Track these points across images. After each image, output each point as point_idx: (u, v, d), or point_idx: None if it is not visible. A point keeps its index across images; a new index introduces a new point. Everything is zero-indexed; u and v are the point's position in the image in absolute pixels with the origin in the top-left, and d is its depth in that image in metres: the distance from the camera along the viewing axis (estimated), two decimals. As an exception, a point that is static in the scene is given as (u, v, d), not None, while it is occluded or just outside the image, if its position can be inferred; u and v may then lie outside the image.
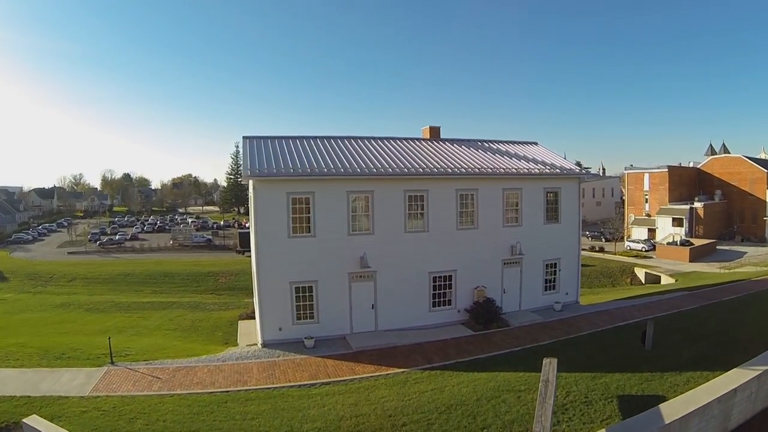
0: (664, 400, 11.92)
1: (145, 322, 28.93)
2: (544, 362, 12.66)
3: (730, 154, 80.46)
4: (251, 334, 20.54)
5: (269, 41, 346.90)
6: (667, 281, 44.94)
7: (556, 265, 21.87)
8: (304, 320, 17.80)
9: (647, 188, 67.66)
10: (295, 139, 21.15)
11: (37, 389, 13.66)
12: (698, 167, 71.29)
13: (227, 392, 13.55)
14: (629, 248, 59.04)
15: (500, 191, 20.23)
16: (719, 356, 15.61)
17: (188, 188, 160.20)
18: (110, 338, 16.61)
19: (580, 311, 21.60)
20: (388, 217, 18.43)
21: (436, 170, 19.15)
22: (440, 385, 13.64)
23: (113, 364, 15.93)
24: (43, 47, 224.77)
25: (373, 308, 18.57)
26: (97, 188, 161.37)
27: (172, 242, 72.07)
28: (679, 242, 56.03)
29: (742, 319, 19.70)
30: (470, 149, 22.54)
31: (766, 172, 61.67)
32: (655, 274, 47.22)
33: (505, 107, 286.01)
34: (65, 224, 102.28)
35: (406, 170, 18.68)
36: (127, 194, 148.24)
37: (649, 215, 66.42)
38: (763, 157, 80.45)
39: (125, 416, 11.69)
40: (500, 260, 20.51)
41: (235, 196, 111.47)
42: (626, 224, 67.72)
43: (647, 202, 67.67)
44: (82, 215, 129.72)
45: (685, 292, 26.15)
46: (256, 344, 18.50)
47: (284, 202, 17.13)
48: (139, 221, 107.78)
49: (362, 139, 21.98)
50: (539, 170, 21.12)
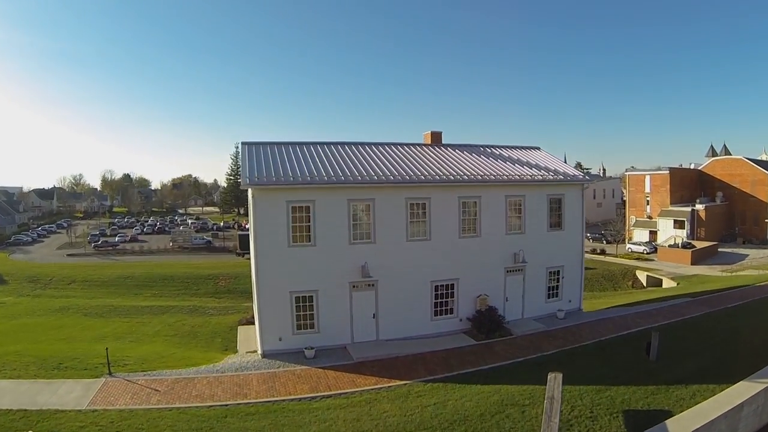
0: (670, 415, 11.73)
1: (143, 327, 28.76)
2: (549, 377, 12.45)
3: (731, 155, 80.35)
4: (251, 340, 20.35)
5: (270, 41, 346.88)
6: (668, 284, 44.73)
7: (559, 272, 21.67)
8: (304, 330, 17.59)
9: (648, 190, 67.44)
10: (294, 145, 20.91)
11: (34, 402, 13.47)
12: (699, 169, 71.11)
13: (227, 406, 13.36)
14: (630, 250, 58.81)
15: (503, 198, 20.01)
16: (725, 367, 15.40)
17: (188, 189, 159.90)
18: (108, 348, 16.41)
19: (583, 319, 21.39)
20: (389, 225, 18.21)
21: (438, 177, 18.91)
22: (443, 398, 13.44)
23: (111, 374, 15.75)
24: (43, 47, 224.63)
25: (374, 318, 18.36)
26: (96, 189, 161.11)
27: (171, 244, 71.84)
28: (680, 244, 55.81)
29: (747, 327, 19.49)
30: (472, 155, 22.29)
31: (767, 173, 61.49)
32: (656, 277, 47.02)
33: (505, 107, 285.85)
34: (65, 225, 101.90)
35: (407, 178, 18.45)
36: (126, 195, 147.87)
37: (650, 217, 66.21)
38: (764, 158, 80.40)
39: (123, 432, 11.48)
40: (503, 268, 20.30)
41: (235, 197, 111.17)
42: (627, 226, 67.52)
43: (648, 204, 67.45)
44: (81, 216, 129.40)
45: (688, 298, 25.94)
46: (255, 351, 18.31)
47: (284, 210, 16.91)
48: (138, 222, 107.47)
49: (363, 145, 21.74)
50: (542, 177, 20.91)
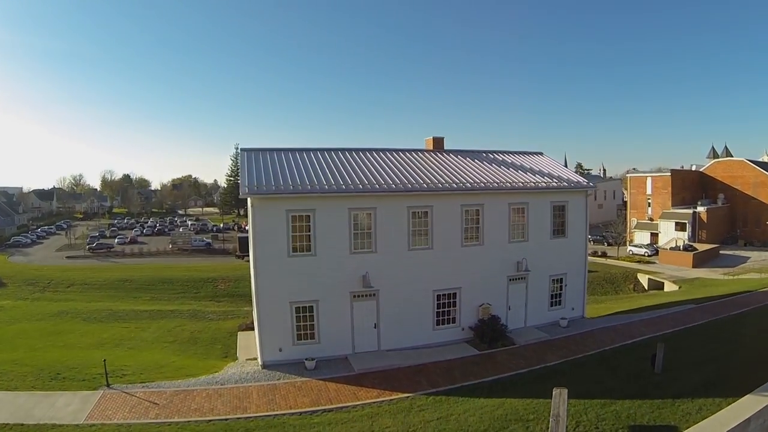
0: (676, 431, 11.52)
1: (142, 333, 28.56)
2: (554, 394, 12.21)
3: (732, 157, 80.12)
4: (251, 347, 20.15)
5: (270, 42, 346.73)
6: (670, 288, 44.52)
7: (562, 280, 21.44)
8: (304, 340, 17.35)
9: (650, 192, 67.18)
10: (294, 151, 20.66)
11: (30, 416, 13.31)
12: (701, 171, 70.88)
13: (226, 420, 13.15)
14: (632, 253, 58.55)
15: (506, 206, 19.75)
16: (731, 379, 15.18)
17: (188, 190, 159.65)
18: (105, 360, 16.18)
19: (586, 327, 21.16)
20: (391, 234, 17.96)
21: (440, 185, 18.66)
22: (446, 413, 13.21)
23: (109, 386, 15.56)
24: (43, 47, 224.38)
25: (375, 328, 18.12)
26: (96, 189, 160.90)
27: (171, 246, 71.68)
28: (682, 247, 55.57)
29: (752, 336, 19.29)
30: (475, 161, 22.03)
31: (769, 175, 61.33)
32: (658, 280, 46.79)
33: (504, 109, 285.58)
34: (64, 226, 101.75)
35: (409, 186, 18.20)
36: (126, 196, 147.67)
37: (651, 219, 65.95)
38: (765, 159, 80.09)
39: (120, 450, 11.32)
40: (506, 277, 20.06)
41: (235, 197, 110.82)
42: (628, 228, 67.28)
43: (650, 206, 67.18)
44: (81, 217, 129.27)
45: (692, 304, 25.73)
46: (255, 358, 18.10)
47: (284, 219, 16.66)
48: (138, 223, 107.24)
49: (364, 151, 21.46)
50: (546, 184, 20.66)
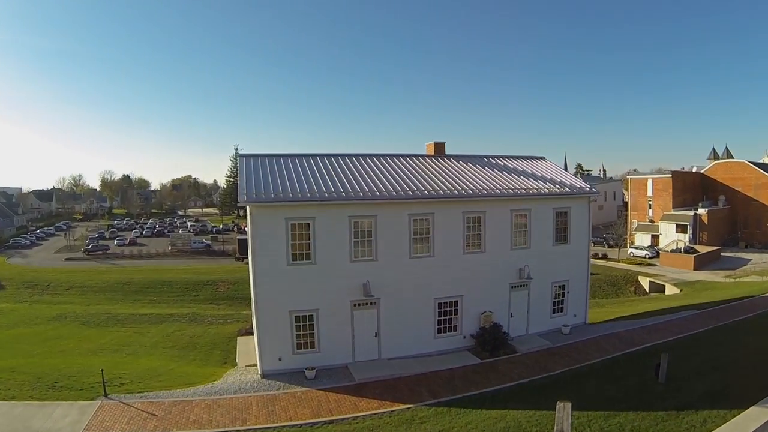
0: (681, 445, 11.33)
1: (141, 338, 28.41)
2: (558, 407, 12.03)
3: (733, 158, 79.94)
4: (250, 352, 19.97)
5: (270, 42, 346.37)
6: (671, 291, 44.38)
7: (564, 287, 21.24)
8: (304, 349, 17.16)
9: (650, 194, 67.03)
10: (293, 157, 20.47)
11: (28, 427, 13.15)
12: (702, 172, 70.71)
13: (225, 434, 12.98)
14: (632, 255, 58.37)
15: (508, 213, 19.53)
16: (735, 390, 15.01)
17: (188, 190, 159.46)
18: (103, 370, 15.98)
19: (588, 334, 20.97)
20: (392, 242, 17.75)
21: (442, 192, 18.44)
22: (448, 425, 13.04)
23: (107, 396, 15.39)
24: (42, 47, 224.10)
25: (376, 336, 17.94)
26: (96, 190, 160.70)
27: (170, 248, 71.57)
28: (683, 249, 55.42)
29: (756, 344, 19.11)
30: (476, 167, 21.81)
31: (770, 177, 61.15)
32: (659, 283, 46.64)
33: (504, 108, 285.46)
34: (63, 227, 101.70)
35: (410, 193, 17.98)
36: (126, 196, 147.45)
37: (652, 221, 65.77)
38: (766, 161, 79.88)
39: (117, 466, 11.14)
40: (508, 284, 19.86)
41: (234, 198, 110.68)
42: (629, 230, 67.09)
43: (650, 208, 67.03)
44: (81, 218, 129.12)
45: (694, 310, 25.55)
46: (255, 365, 17.92)
47: (283, 228, 16.44)
48: (138, 224, 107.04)
49: (364, 157, 21.26)
50: (548, 190, 20.45)
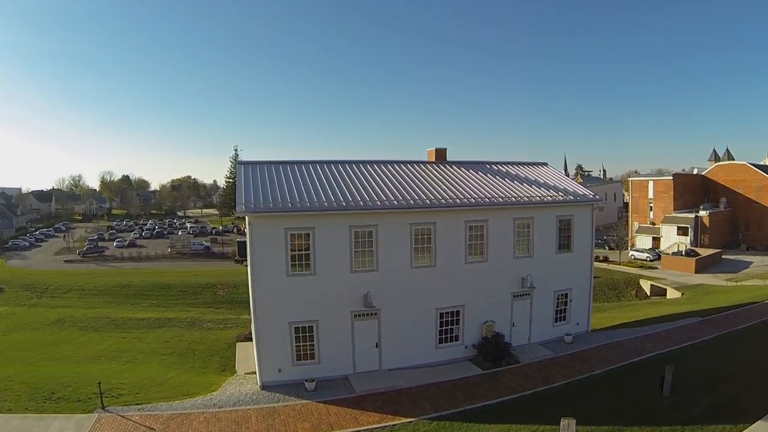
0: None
1: (140, 344, 28.19)
2: (562, 425, 11.88)
3: (734, 159, 79.82)
4: (249, 359, 19.77)
5: (270, 42, 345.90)
6: (673, 295, 44.18)
7: (567, 295, 21.00)
8: (304, 360, 16.93)
9: (651, 196, 66.83)
10: (293, 164, 20.21)
11: (24, 441, 12.92)
12: (703, 174, 70.51)
13: (224, 449, 12.77)
14: (633, 258, 58.15)
15: (511, 221, 19.27)
16: (741, 402, 14.86)
17: (187, 191, 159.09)
18: (100, 383, 15.76)
19: (591, 343, 20.76)
20: (393, 251, 17.48)
21: (444, 201, 18.15)
22: (450, 440, 12.85)
23: (104, 409, 15.17)
24: (42, 47, 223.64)
25: (377, 347, 17.70)
26: (95, 190, 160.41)
27: (170, 250, 71.28)
28: (684, 252, 55.21)
29: (759, 355, 18.92)
30: (478, 174, 21.54)
31: (771, 179, 60.97)
32: (660, 286, 46.44)
33: (503, 109, 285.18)
34: (63, 229, 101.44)
35: (412, 202, 17.69)
36: (125, 197, 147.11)
37: (653, 223, 65.58)
38: (767, 163, 79.74)
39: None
40: (510, 293, 19.60)
41: (234, 199, 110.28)
42: (630, 233, 66.88)
43: (651, 210, 66.83)
44: (80, 219, 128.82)
45: (697, 317, 25.34)
46: (254, 372, 17.70)
47: (282, 238, 16.18)
48: (137, 226, 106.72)
49: (365, 164, 20.98)
50: (552, 197, 20.18)
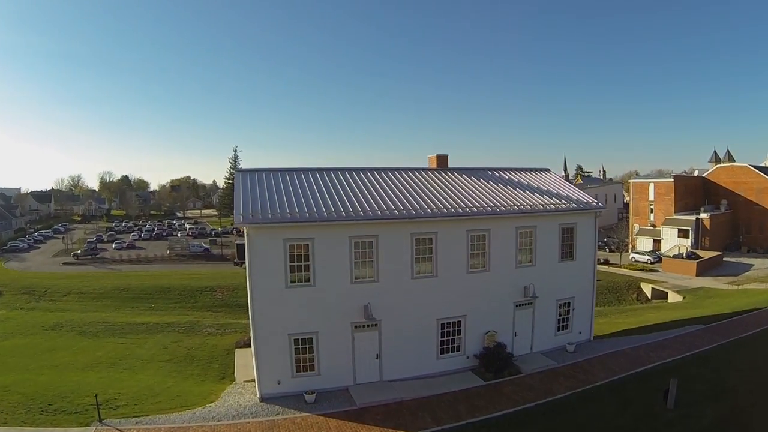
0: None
1: (138, 350, 27.94)
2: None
3: (734, 161, 79.69)
4: (248, 366, 19.52)
5: (270, 43, 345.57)
6: (674, 299, 44.02)
7: (569, 304, 20.73)
8: (304, 372, 16.67)
9: (652, 198, 66.66)
10: (291, 172, 19.93)
11: (19, 457, 12.68)
12: (704, 176, 70.34)
13: (223, 465, 12.52)
14: (634, 260, 57.92)
15: (513, 230, 18.98)
16: (745, 415, 14.67)
17: (186, 191, 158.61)
18: (97, 395, 15.53)
19: (593, 352, 20.51)
20: (393, 262, 17.20)
21: (445, 210, 17.86)
22: (451, 458, 12.61)
23: (101, 422, 14.94)
24: (42, 47, 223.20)
25: (377, 358, 17.45)
26: (95, 191, 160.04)
27: (169, 252, 71.08)
28: (685, 254, 55.02)
29: (763, 364, 18.72)
30: (480, 181, 21.26)
31: (772, 181, 60.81)
32: (661, 290, 46.29)
33: (503, 110, 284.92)
34: (62, 230, 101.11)
35: (413, 212, 17.40)
36: (124, 198, 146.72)
37: (654, 226, 65.40)
38: (768, 164, 79.58)
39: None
40: (512, 303, 19.33)
41: (233, 200, 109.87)
42: (631, 235, 66.68)
43: (652, 212, 66.66)
44: (79, 219, 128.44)
45: (700, 324, 25.13)
46: (253, 380, 17.44)
47: (281, 249, 15.92)
48: (136, 227, 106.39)
49: (365, 171, 20.69)
50: (555, 205, 19.90)
